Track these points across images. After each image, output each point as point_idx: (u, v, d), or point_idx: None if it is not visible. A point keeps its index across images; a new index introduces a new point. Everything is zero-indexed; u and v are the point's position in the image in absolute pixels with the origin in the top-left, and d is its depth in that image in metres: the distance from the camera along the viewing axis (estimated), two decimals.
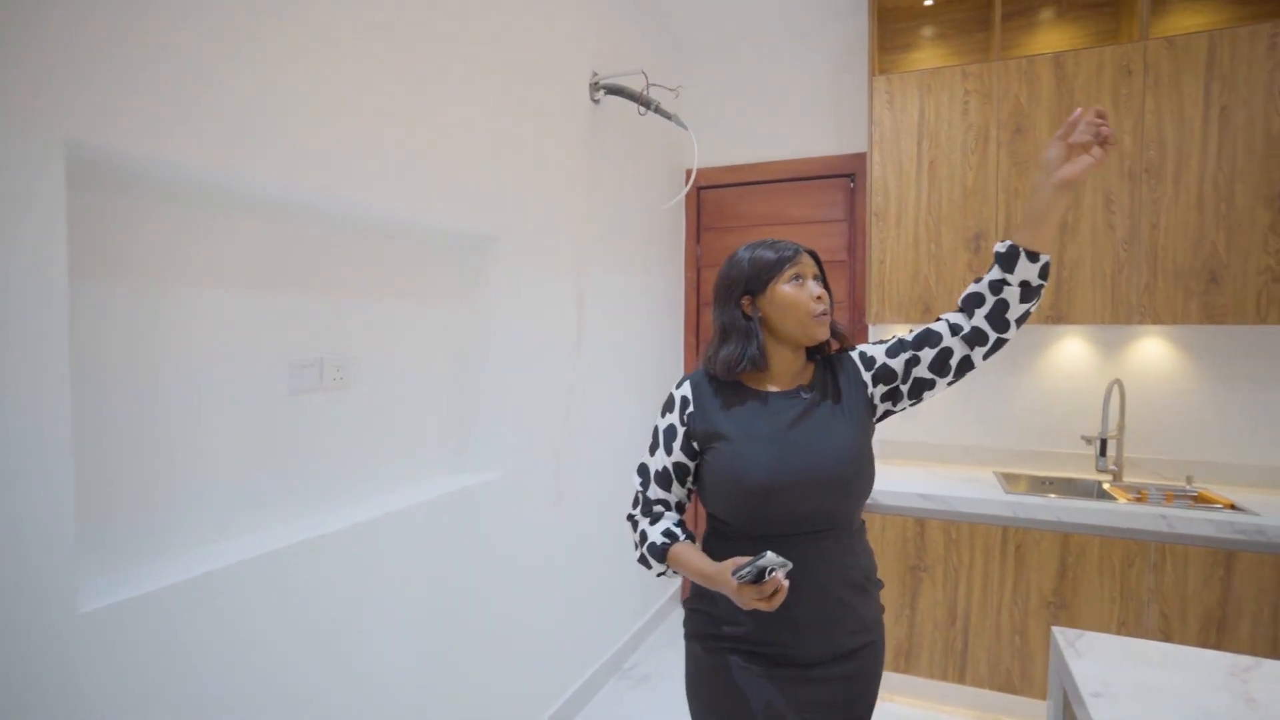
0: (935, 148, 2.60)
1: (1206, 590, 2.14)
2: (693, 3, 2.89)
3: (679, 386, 1.26)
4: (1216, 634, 2.13)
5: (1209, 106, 2.30)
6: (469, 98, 1.77)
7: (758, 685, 1.14)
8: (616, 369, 2.70)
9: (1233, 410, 2.56)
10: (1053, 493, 2.58)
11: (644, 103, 2.37)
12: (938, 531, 2.42)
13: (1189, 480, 2.54)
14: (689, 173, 3.01)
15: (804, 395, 1.20)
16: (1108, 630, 2.24)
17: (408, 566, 1.62)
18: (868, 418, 1.21)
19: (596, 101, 2.38)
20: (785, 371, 1.23)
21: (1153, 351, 2.64)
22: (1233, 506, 2.25)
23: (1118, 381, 2.55)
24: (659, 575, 1.24)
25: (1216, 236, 2.31)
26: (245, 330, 1.37)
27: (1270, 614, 2.07)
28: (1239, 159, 2.27)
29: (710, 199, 3.33)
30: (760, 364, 1.19)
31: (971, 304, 1.15)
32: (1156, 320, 2.38)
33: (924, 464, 2.88)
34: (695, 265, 3.36)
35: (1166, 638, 2.17)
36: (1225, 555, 2.11)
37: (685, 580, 1.26)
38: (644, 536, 1.22)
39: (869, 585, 1.21)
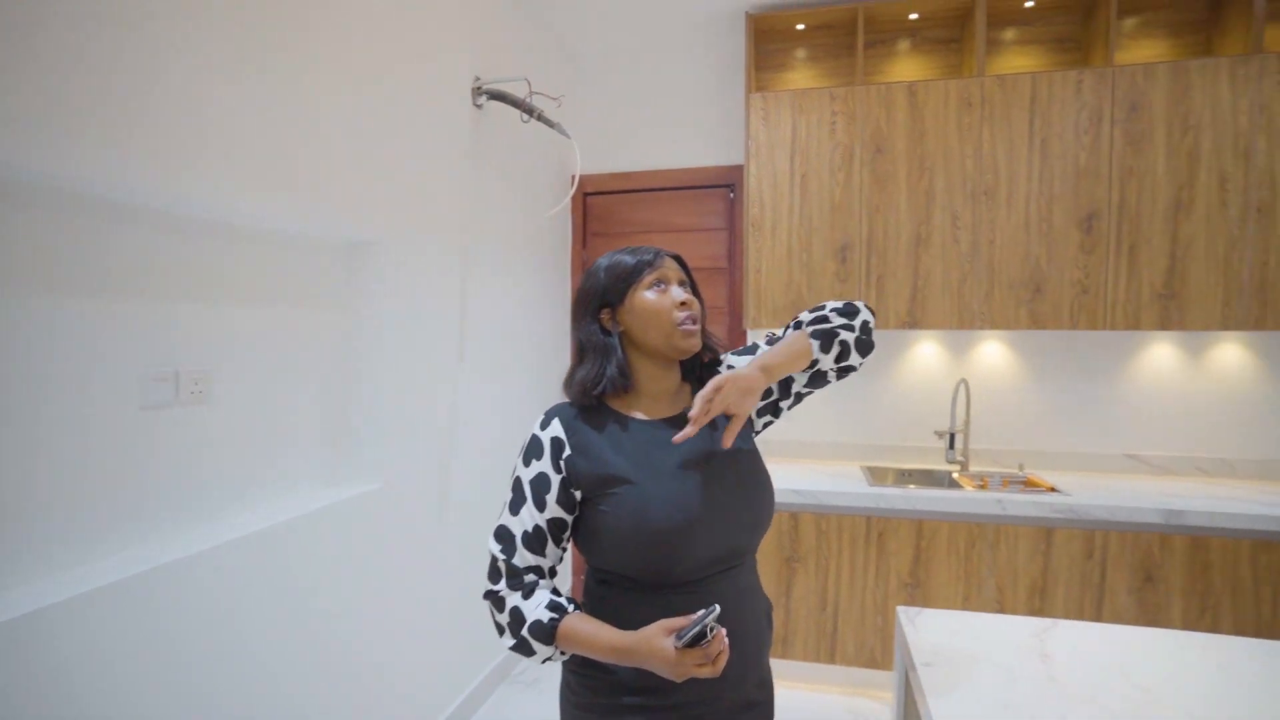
0: (806, 163, 2.78)
1: (1032, 563, 2.43)
2: (579, 15, 2.93)
3: (544, 426, 1.06)
4: (1040, 600, 2.42)
5: (1033, 138, 2.61)
6: (345, 99, 1.72)
7: None
8: (501, 375, 2.70)
9: (1055, 404, 2.91)
10: (912, 484, 2.83)
11: (527, 110, 2.38)
12: (810, 524, 2.59)
13: (1020, 467, 2.87)
14: (574, 178, 3.06)
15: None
16: (953, 605, 2.49)
17: (283, 585, 1.56)
18: (752, 434, 1.15)
19: (479, 106, 2.37)
20: (659, 392, 1.10)
21: (992, 353, 2.96)
22: (1053, 489, 2.57)
23: (964, 381, 2.83)
24: (545, 661, 1.02)
25: (1040, 252, 2.62)
26: (88, 343, 1.27)
27: (1079, 580, 2.39)
28: (1056, 185, 2.59)
29: (597, 205, 3.39)
30: (624, 385, 1.05)
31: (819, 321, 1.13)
32: (994, 326, 2.67)
33: (797, 461, 3.07)
34: (581, 270, 3.40)
35: (1000, 608, 2.45)
36: (1046, 532, 2.41)
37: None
38: (518, 616, 0.99)
39: (770, 614, 1.13)
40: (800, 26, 2.94)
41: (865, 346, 1.13)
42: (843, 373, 1.15)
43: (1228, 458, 2.79)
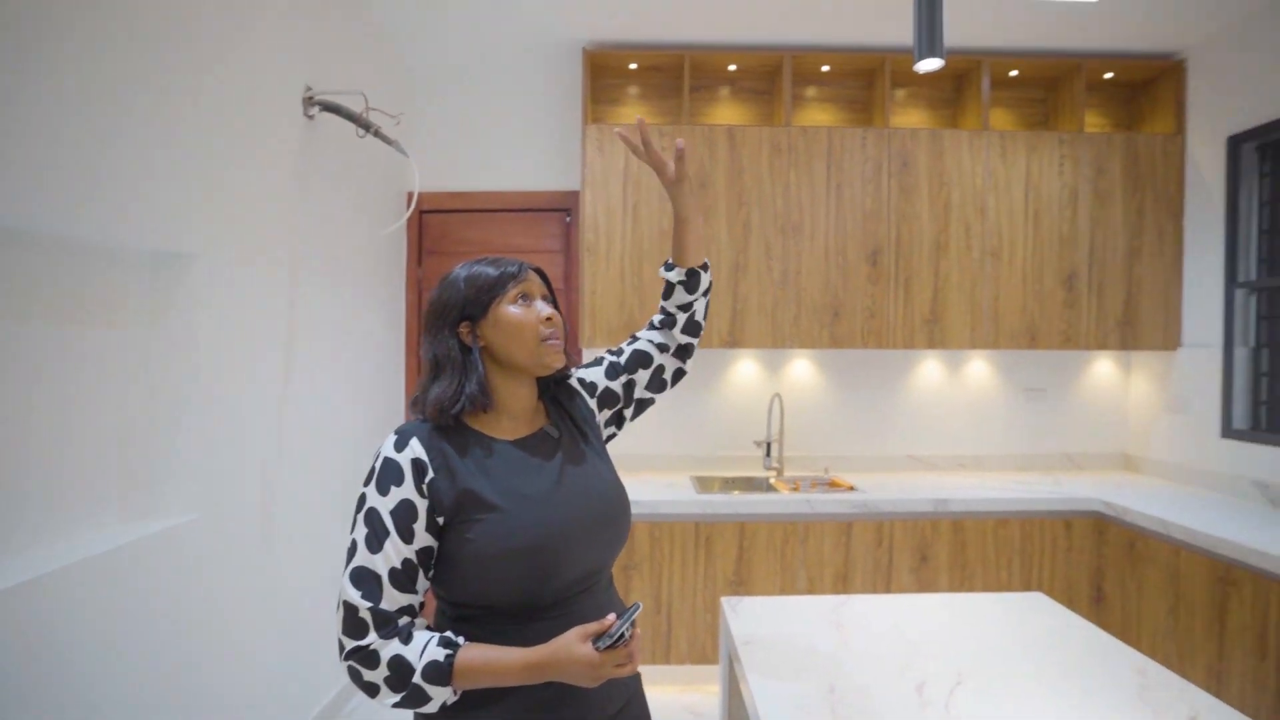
0: (638, 193, 2.98)
1: (836, 554, 2.77)
2: (420, 34, 2.92)
3: (401, 448, 0.96)
4: (843, 585, 2.77)
5: (829, 183, 3.02)
6: (159, 98, 1.59)
7: None
8: (332, 396, 2.58)
9: (853, 414, 3.35)
10: (735, 490, 3.10)
11: (363, 125, 2.33)
12: (644, 533, 2.75)
13: (826, 470, 3.26)
14: (411, 196, 3.01)
15: (553, 434, 1.08)
16: (772, 595, 2.76)
17: (74, 635, 1.39)
18: (604, 447, 1.15)
19: (311, 118, 2.28)
20: (519, 411, 1.06)
21: (802, 370, 3.34)
22: (851, 488, 2.96)
23: (778, 395, 3.17)
24: (444, 706, 0.92)
25: (837, 282, 3.02)
26: None
27: (873, 564, 2.77)
28: (848, 224, 3.01)
29: (434, 223, 3.35)
30: (484, 403, 1.00)
31: (667, 323, 1.23)
32: (802, 345, 3.03)
33: (633, 473, 3.23)
34: (417, 288, 3.34)
35: (810, 593, 2.76)
36: (847, 526, 2.77)
37: None
38: (402, 665, 0.89)
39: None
40: (633, 66, 3.15)
41: (697, 328, 1.24)
42: (678, 371, 1.25)
43: (979, 453, 3.37)
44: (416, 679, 0.88)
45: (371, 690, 0.90)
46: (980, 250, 3.05)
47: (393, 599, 0.91)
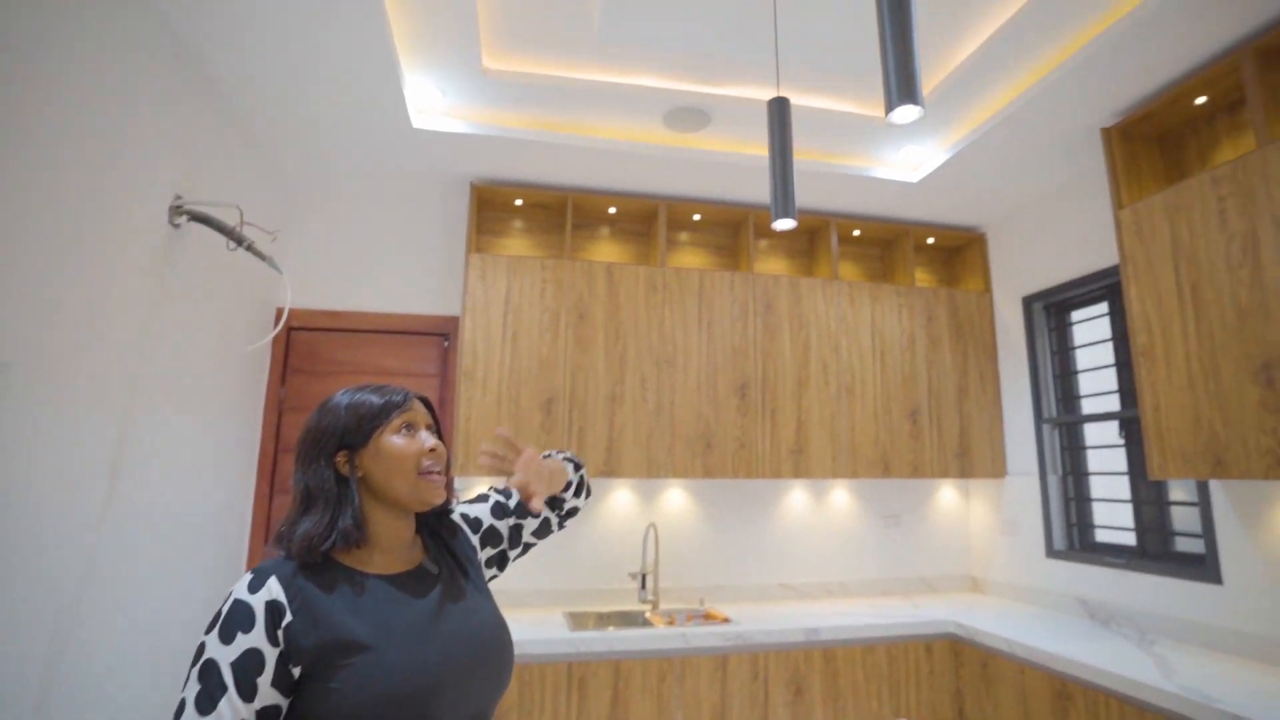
0: (518, 321, 3.04)
1: (712, 690, 2.69)
2: (308, 154, 2.93)
3: (256, 588, 0.87)
4: None
5: (700, 321, 3.23)
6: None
7: None
8: (161, 527, 2.28)
9: (726, 543, 3.39)
10: (611, 625, 2.98)
11: (235, 239, 2.26)
12: (512, 677, 2.55)
13: (702, 602, 3.23)
14: (280, 312, 2.88)
15: (432, 570, 1.02)
16: None
17: None
18: (486, 585, 1.10)
19: (177, 226, 2.18)
20: (396, 545, 1.01)
21: (676, 499, 3.38)
22: (726, 620, 2.93)
23: (653, 525, 3.17)
24: None
25: (709, 413, 3.16)
26: None
27: (749, 700, 2.70)
28: (718, 359, 3.21)
29: (304, 341, 3.21)
30: (358, 538, 0.94)
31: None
32: (676, 475, 3.08)
33: (504, 611, 3.03)
34: (277, 408, 3.12)
35: None
36: (722, 660, 2.72)
37: None
38: None
39: None
40: (519, 202, 3.32)
41: (587, 489, 1.30)
42: (566, 517, 1.28)
43: (845, 579, 3.49)
44: None
45: None
46: (837, 386, 3.33)
47: None
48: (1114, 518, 3.03)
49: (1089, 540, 3.10)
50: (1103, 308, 3.06)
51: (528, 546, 1.23)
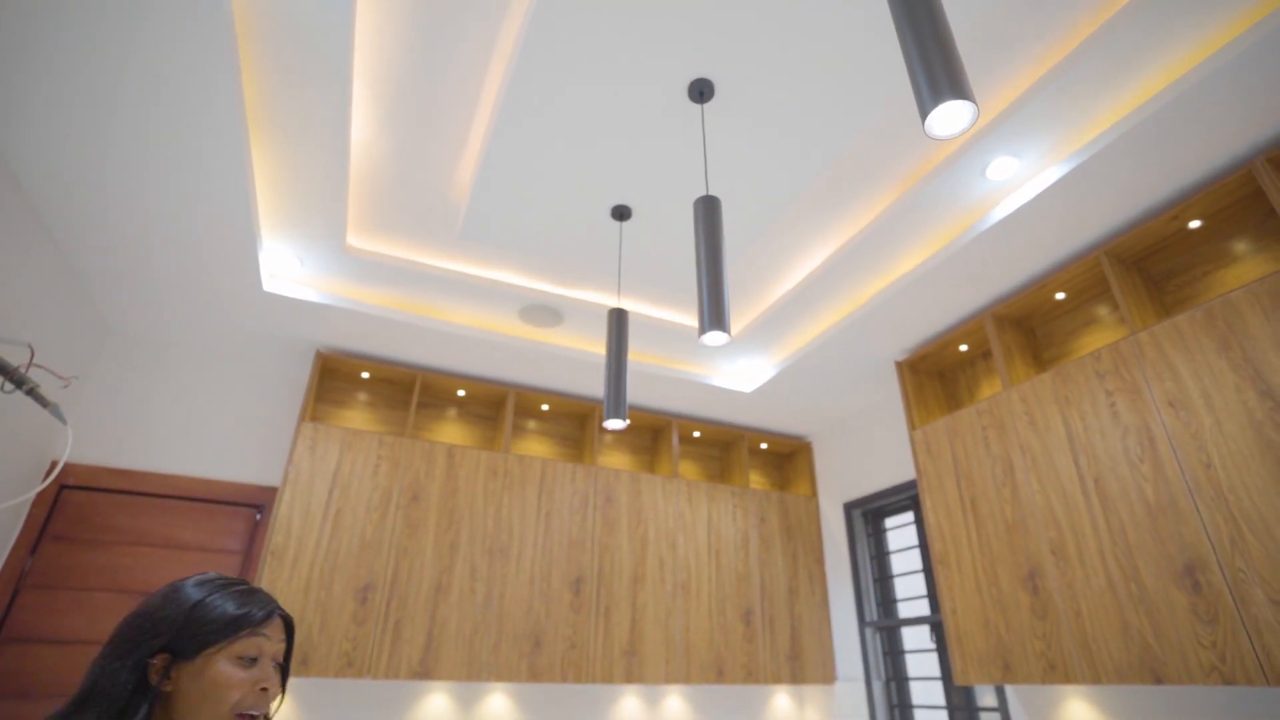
0: (345, 498, 2.83)
1: None
2: (134, 297, 2.76)
3: None
4: None
5: (540, 509, 3.18)
6: None
7: None
8: None
9: None
10: None
11: (15, 379, 2.01)
12: None
13: None
14: (53, 465, 2.50)
15: None
16: None
17: None
18: None
19: None
20: None
21: (498, 706, 3.04)
22: None
23: None
24: None
25: (540, 608, 2.99)
26: None
27: None
28: (554, 551, 3.13)
29: (78, 501, 2.76)
30: None
31: None
32: (499, 678, 2.82)
33: None
34: (15, 583, 2.58)
35: None
36: None
37: None
38: None
39: None
40: (365, 375, 3.26)
41: None
42: None
43: None
44: None
45: None
46: (673, 583, 3.32)
47: None
48: None
49: None
50: (909, 516, 3.38)
51: None
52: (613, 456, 3.78)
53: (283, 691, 0.93)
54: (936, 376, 3.17)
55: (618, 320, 2.01)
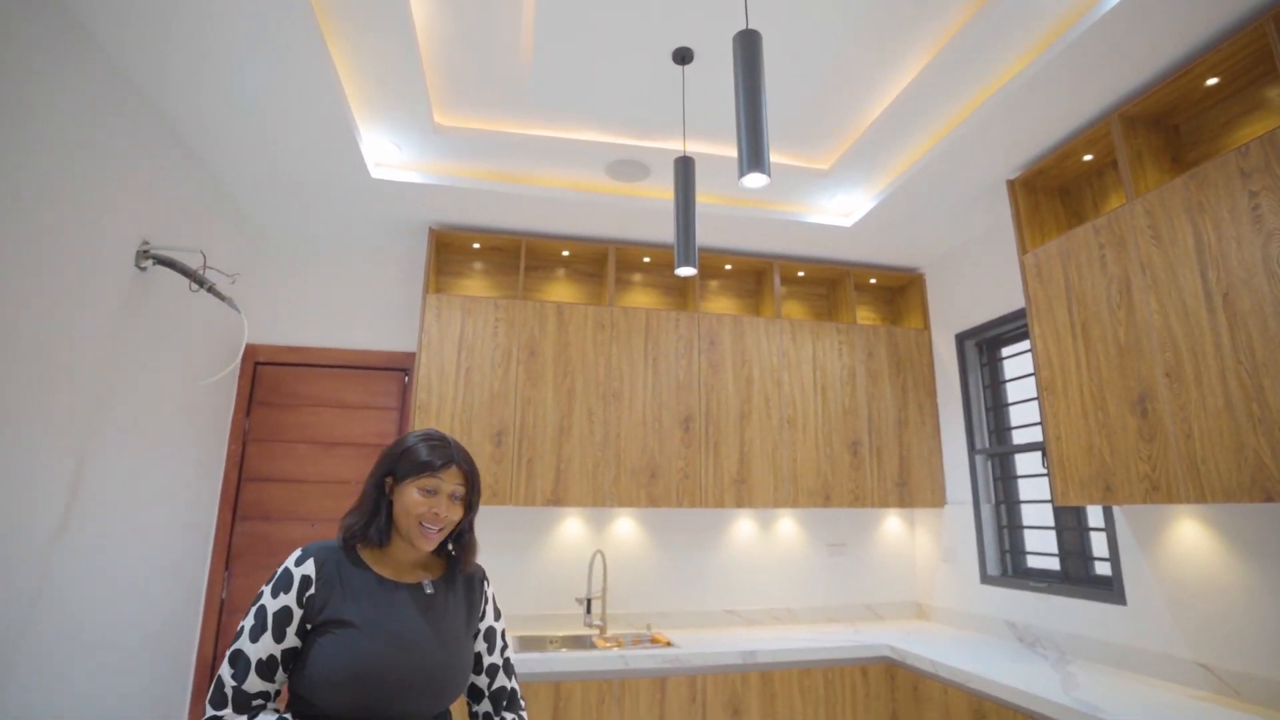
0: (471, 358, 3.21)
1: (650, 713, 2.79)
2: (271, 200, 3.14)
3: (299, 563, 1.19)
4: None
5: (648, 357, 3.41)
6: None
7: None
8: (123, 550, 2.41)
9: (673, 570, 3.51)
10: (564, 648, 3.08)
11: (197, 280, 2.44)
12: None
13: (649, 627, 3.34)
14: (242, 349, 3.05)
15: (428, 590, 1.26)
16: None
17: None
18: (471, 632, 1.31)
19: (143, 269, 2.36)
20: (404, 561, 1.28)
21: (624, 528, 3.51)
22: (669, 644, 3.05)
23: (600, 552, 3.29)
24: None
25: (654, 445, 3.32)
26: None
27: (684, 715, 2.81)
28: (664, 394, 3.38)
29: (268, 375, 3.37)
30: (379, 542, 1.24)
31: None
32: (622, 504, 3.23)
33: None
34: (241, 438, 3.27)
35: None
36: (661, 682, 2.82)
37: None
38: None
39: None
40: (476, 245, 3.53)
41: None
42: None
43: (791, 606, 3.61)
44: None
45: None
46: (779, 418, 3.50)
47: (254, 684, 1.12)
48: (1043, 544, 3.17)
49: (1021, 566, 3.23)
50: (1026, 344, 3.26)
51: (472, 694, 1.36)
52: (716, 302, 3.89)
53: (467, 514, 1.31)
54: (1057, 194, 2.89)
55: (683, 169, 2.03)
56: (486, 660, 1.34)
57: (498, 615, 1.41)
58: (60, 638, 2.10)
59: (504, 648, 1.39)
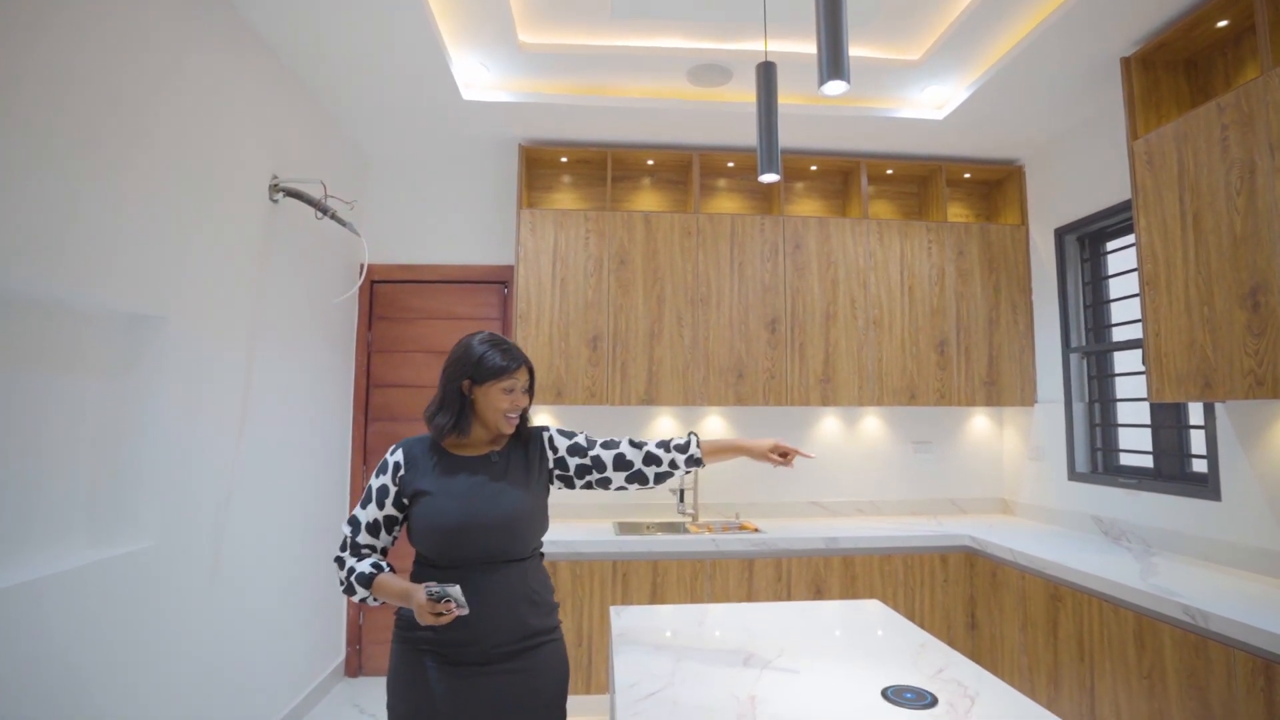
0: (565, 268, 3.40)
1: (739, 588, 3.08)
2: (374, 129, 3.35)
3: (393, 452, 1.53)
4: None
5: (733, 262, 3.49)
6: (143, 182, 1.94)
7: (444, 678, 1.41)
8: (282, 440, 2.84)
9: (761, 465, 3.72)
10: (659, 532, 3.41)
11: (321, 209, 2.71)
12: (566, 571, 3.03)
13: (737, 515, 3.60)
14: (362, 269, 3.36)
15: (494, 460, 1.52)
16: None
17: (31, 644, 1.61)
18: (541, 482, 1.56)
19: (276, 201, 2.64)
20: (479, 441, 1.56)
21: (714, 425, 3.72)
22: (756, 530, 3.30)
23: None
24: (361, 601, 1.45)
25: (741, 347, 3.45)
26: None
27: (772, 596, 3.08)
28: (750, 297, 3.47)
29: (384, 292, 3.71)
30: (464, 432, 1.51)
31: (652, 462, 1.59)
32: (711, 402, 3.42)
33: (561, 520, 3.52)
34: (366, 350, 3.66)
35: None
36: (749, 563, 3.10)
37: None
38: (351, 570, 1.45)
39: (539, 600, 1.50)
40: (564, 159, 3.63)
41: (689, 468, 1.65)
42: (656, 481, 1.64)
43: (875, 499, 3.77)
44: (352, 579, 1.45)
45: (340, 581, 1.48)
46: (864, 320, 3.54)
47: (364, 538, 1.49)
48: (1136, 443, 3.14)
49: (1111, 463, 3.23)
50: (1130, 239, 3.10)
51: (588, 485, 1.63)
52: (801, 205, 3.86)
53: (529, 401, 1.57)
54: (1181, 68, 2.65)
55: (765, 75, 2.04)
56: (590, 454, 1.61)
57: (570, 434, 1.64)
58: (248, 528, 2.55)
59: (592, 440, 1.64)
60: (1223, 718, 1.94)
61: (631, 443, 1.63)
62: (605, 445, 1.63)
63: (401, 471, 1.50)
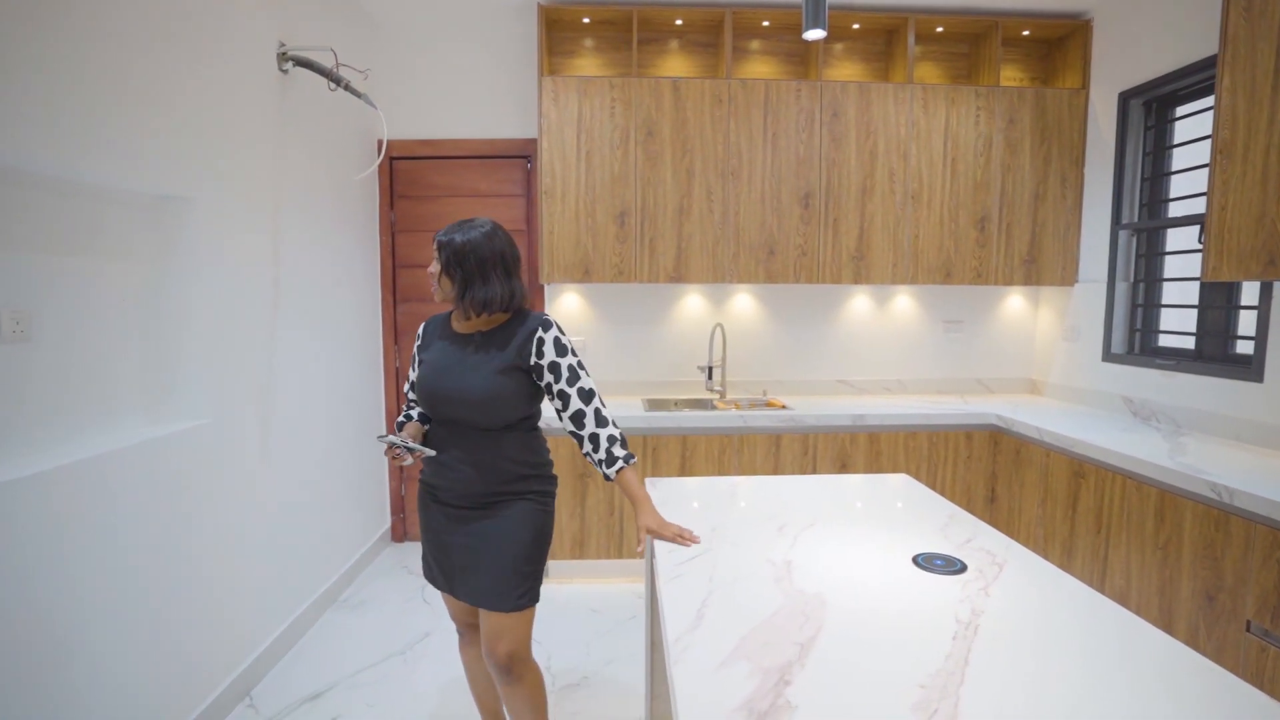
0: (590, 140, 3.25)
1: (766, 462, 3.18)
2: None
3: (420, 326, 1.84)
4: None
5: (766, 132, 3.30)
6: (155, 61, 1.84)
7: (435, 513, 1.74)
8: (315, 320, 2.88)
9: (789, 342, 3.72)
10: (688, 409, 3.48)
11: (333, 79, 2.56)
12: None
13: (764, 392, 3.65)
14: (381, 144, 3.23)
15: (475, 339, 1.67)
16: None
17: (103, 514, 1.71)
18: (518, 371, 1.63)
19: (285, 72, 2.50)
20: (473, 322, 1.70)
21: (742, 303, 3.69)
22: (783, 407, 3.35)
23: (719, 325, 3.52)
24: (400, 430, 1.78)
25: (772, 222, 3.34)
26: None
27: (799, 471, 3.18)
28: (783, 170, 3.32)
29: (404, 169, 3.59)
30: (463, 313, 1.69)
31: (586, 446, 1.68)
32: (740, 280, 3.37)
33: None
34: (390, 229, 3.60)
35: None
36: (776, 438, 3.17)
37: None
38: (399, 420, 1.83)
39: (511, 467, 1.65)
40: (586, 20, 3.37)
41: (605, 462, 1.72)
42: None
43: (902, 378, 3.78)
44: (399, 419, 1.86)
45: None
46: (902, 194, 3.38)
47: (411, 395, 1.84)
48: (1179, 324, 3.06)
49: (1149, 345, 3.17)
50: (1203, 102, 2.85)
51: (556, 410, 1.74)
52: (841, 68, 3.59)
53: (458, 283, 1.64)
54: None
55: None
56: (556, 387, 1.67)
57: (562, 352, 1.66)
58: (292, 406, 2.63)
59: (574, 379, 1.67)
60: (1233, 585, 2.02)
61: (595, 415, 1.67)
62: (578, 395, 1.67)
63: (419, 341, 1.80)
